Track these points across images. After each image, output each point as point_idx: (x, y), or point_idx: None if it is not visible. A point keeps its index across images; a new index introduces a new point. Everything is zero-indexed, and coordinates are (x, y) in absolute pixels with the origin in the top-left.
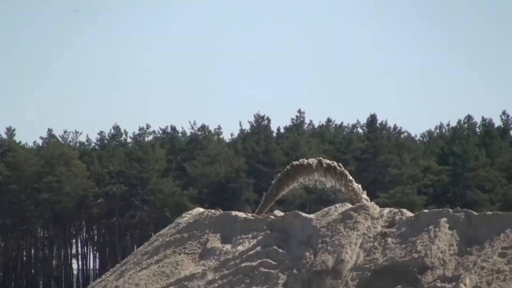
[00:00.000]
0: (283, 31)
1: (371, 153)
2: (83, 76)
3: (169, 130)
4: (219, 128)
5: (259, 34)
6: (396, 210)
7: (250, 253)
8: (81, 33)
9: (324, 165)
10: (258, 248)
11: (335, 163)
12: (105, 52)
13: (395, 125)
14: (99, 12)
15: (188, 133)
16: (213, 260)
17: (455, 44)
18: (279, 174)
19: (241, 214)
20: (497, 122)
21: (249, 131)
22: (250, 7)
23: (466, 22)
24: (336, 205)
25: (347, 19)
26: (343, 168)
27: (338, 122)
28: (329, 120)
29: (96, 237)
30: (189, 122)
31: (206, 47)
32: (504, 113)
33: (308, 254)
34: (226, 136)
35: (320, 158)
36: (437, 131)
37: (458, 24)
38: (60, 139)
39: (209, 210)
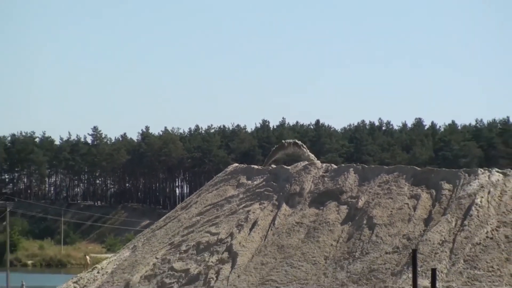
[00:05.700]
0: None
1: (317, 138)
2: (161, 89)
3: (223, 126)
4: (245, 125)
5: (264, 62)
6: (329, 164)
7: (260, 185)
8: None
9: (293, 142)
10: (264, 182)
11: (299, 142)
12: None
13: (329, 124)
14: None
15: (229, 128)
16: (243, 188)
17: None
18: (273, 148)
19: (256, 166)
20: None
21: (258, 126)
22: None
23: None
24: (301, 162)
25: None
26: (301, 144)
27: (300, 123)
28: (297, 122)
29: (188, 178)
30: (231, 123)
31: (235, 68)
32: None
33: (288, 185)
34: (248, 129)
35: (291, 140)
36: (351, 128)
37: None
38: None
39: (242, 164)
